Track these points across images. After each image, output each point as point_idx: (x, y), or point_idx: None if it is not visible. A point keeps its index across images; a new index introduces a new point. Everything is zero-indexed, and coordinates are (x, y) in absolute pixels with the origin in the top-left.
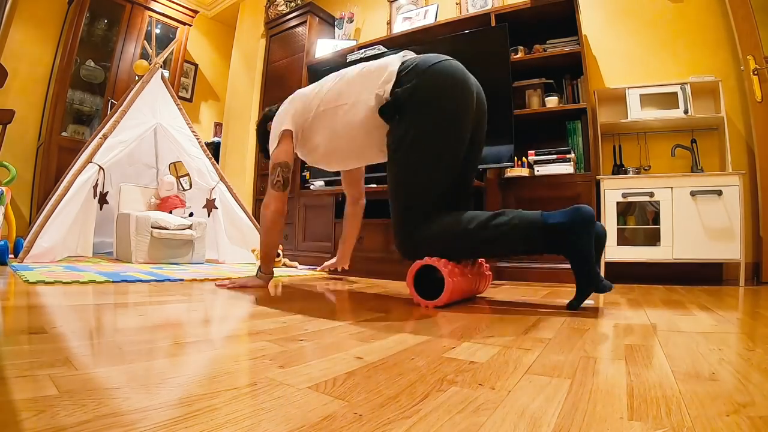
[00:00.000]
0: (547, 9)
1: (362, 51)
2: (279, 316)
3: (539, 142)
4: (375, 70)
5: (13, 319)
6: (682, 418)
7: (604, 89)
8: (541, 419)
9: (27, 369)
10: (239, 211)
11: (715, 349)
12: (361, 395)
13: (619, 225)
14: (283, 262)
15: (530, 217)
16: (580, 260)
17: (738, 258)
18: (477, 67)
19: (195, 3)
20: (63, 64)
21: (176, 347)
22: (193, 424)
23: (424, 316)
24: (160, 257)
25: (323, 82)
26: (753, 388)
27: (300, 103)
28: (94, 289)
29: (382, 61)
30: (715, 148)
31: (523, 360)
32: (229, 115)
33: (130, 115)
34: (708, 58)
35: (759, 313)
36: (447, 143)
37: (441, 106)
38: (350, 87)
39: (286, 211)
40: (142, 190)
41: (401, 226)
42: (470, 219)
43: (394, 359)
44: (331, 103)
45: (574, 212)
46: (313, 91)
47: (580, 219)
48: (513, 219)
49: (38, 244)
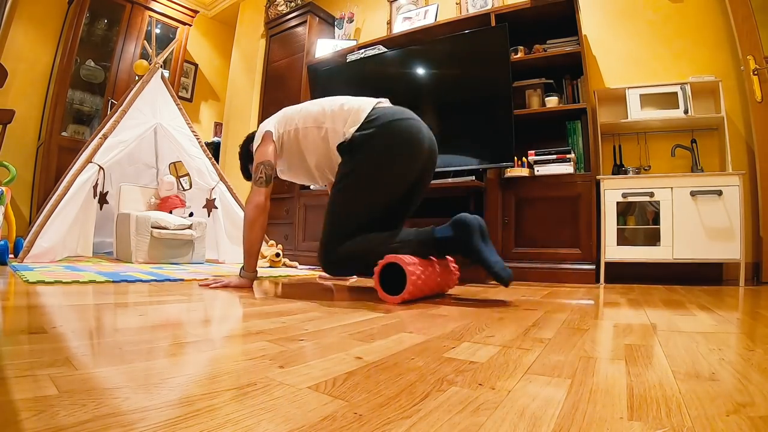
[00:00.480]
0: (547, 9)
1: (362, 51)
2: (279, 316)
3: (539, 142)
4: (349, 110)
5: (13, 319)
6: (682, 418)
7: (604, 89)
8: (541, 419)
9: (27, 369)
10: (239, 211)
11: (715, 349)
12: (361, 395)
13: (619, 225)
14: (283, 262)
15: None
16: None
17: (738, 258)
18: (477, 67)
19: (195, 3)
20: (63, 64)
21: (176, 347)
22: (193, 424)
23: (424, 316)
24: (160, 257)
25: (308, 104)
26: (753, 388)
27: (284, 115)
28: (94, 289)
29: (361, 103)
30: (715, 148)
31: (523, 360)
32: (229, 115)
33: (130, 115)
34: (708, 58)
35: (759, 313)
36: (381, 189)
37: (386, 158)
38: (333, 115)
39: (268, 206)
40: (142, 190)
41: (326, 244)
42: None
43: (394, 359)
44: (311, 123)
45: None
46: (297, 109)
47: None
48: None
49: (38, 244)
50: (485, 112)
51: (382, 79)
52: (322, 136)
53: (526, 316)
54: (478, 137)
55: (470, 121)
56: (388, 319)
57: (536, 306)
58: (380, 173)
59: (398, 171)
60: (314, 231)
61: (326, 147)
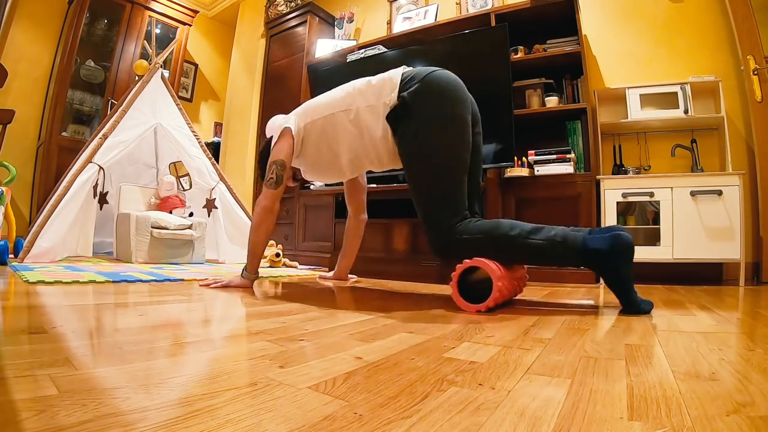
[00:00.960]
0: (547, 9)
1: (362, 51)
2: (279, 316)
3: (539, 142)
4: (380, 82)
5: (13, 319)
6: (682, 418)
7: (604, 89)
8: (541, 419)
9: (27, 369)
10: (239, 210)
11: (715, 349)
12: (361, 395)
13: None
14: (283, 262)
15: (572, 237)
16: (619, 286)
17: (738, 258)
18: (477, 67)
19: (195, 3)
20: (63, 64)
21: (176, 347)
22: (193, 424)
23: (424, 316)
24: (160, 257)
25: (329, 92)
26: (753, 388)
27: (306, 108)
28: (94, 289)
29: (384, 74)
30: (715, 148)
31: (523, 360)
32: (229, 115)
33: (130, 115)
34: (708, 58)
35: (759, 313)
36: (456, 141)
37: (446, 106)
38: (362, 94)
39: (276, 209)
40: (142, 190)
41: (436, 225)
42: (511, 226)
43: (394, 359)
44: (338, 108)
45: (615, 240)
46: (319, 99)
47: (620, 247)
48: (556, 236)
49: (38, 244)
50: (485, 112)
51: None
52: (351, 119)
53: (526, 316)
54: None
55: None
56: (388, 319)
57: (536, 306)
58: (447, 124)
59: (459, 118)
60: (314, 231)
61: (359, 130)
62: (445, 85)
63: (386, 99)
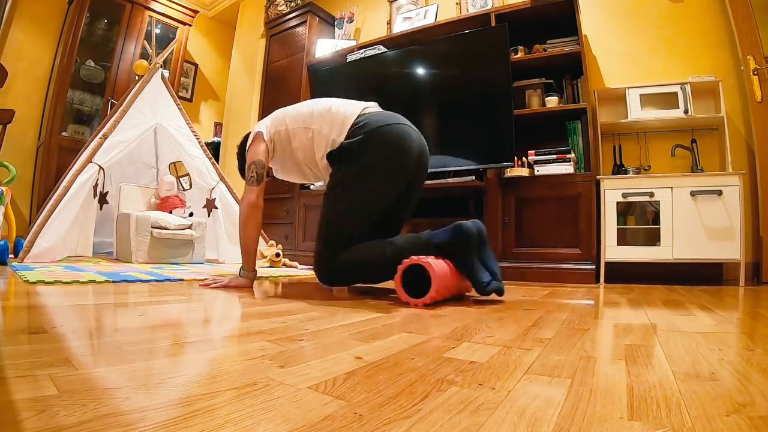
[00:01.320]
0: (547, 9)
1: (362, 51)
2: (279, 315)
3: (539, 142)
4: (337, 115)
5: (13, 319)
6: (682, 418)
7: (604, 89)
8: (541, 419)
9: (27, 369)
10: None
11: (715, 349)
12: (361, 395)
13: (619, 225)
14: (283, 262)
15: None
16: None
17: (738, 258)
18: (477, 67)
19: (195, 3)
20: (63, 64)
21: (176, 347)
22: (193, 424)
23: (424, 316)
24: (160, 257)
25: (300, 104)
26: (753, 388)
27: (276, 115)
28: (94, 289)
29: (348, 109)
30: (715, 148)
31: (523, 360)
32: (229, 115)
33: (130, 115)
34: (708, 58)
35: (759, 313)
36: (373, 196)
37: (376, 165)
38: (320, 118)
39: (261, 204)
40: (142, 190)
41: (321, 254)
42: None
43: (394, 359)
44: (300, 123)
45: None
46: (287, 111)
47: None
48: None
49: (38, 244)
50: (485, 112)
51: (382, 79)
52: (309, 137)
53: (526, 316)
54: (478, 137)
55: (470, 121)
56: (388, 319)
57: (536, 306)
58: (371, 180)
59: (389, 177)
60: (314, 231)
61: (312, 149)
62: (388, 143)
63: (334, 136)
